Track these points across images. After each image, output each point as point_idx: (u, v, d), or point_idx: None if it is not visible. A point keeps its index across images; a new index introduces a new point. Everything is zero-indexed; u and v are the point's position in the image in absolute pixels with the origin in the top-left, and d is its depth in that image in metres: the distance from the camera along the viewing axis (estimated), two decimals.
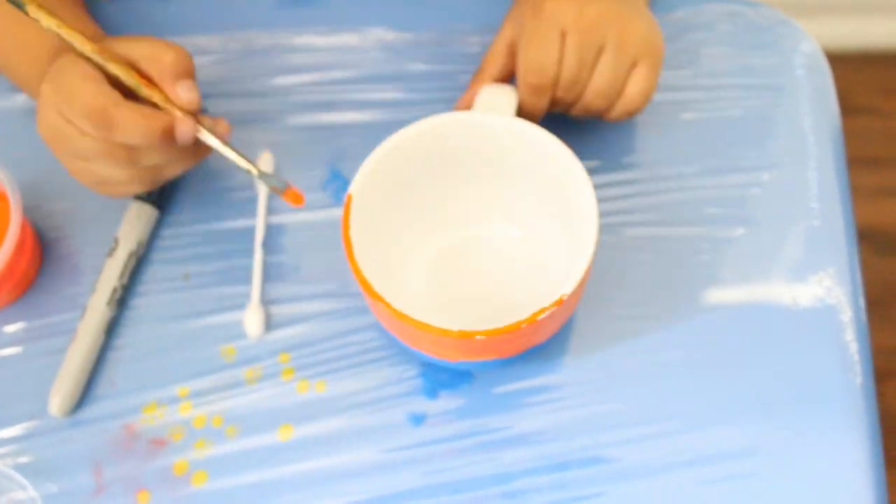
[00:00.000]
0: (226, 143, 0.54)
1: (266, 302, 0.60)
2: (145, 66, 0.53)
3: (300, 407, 0.58)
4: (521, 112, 0.57)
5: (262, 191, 0.62)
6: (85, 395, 0.59)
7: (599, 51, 0.56)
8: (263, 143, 0.64)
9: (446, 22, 0.68)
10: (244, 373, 0.59)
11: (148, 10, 0.68)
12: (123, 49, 0.53)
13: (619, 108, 0.59)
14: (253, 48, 0.67)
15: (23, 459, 0.57)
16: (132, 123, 0.51)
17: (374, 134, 0.63)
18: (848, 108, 0.70)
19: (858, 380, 0.58)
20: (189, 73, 0.54)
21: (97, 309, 0.59)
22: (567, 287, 0.50)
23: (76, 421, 0.58)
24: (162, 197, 0.62)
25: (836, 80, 0.69)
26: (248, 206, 0.62)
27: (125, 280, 0.60)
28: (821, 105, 0.67)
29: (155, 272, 0.61)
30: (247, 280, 0.61)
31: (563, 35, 0.55)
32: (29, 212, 0.62)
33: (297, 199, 0.55)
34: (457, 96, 0.64)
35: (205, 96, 0.64)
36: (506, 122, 0.55)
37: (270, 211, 0.62)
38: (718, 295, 0.61)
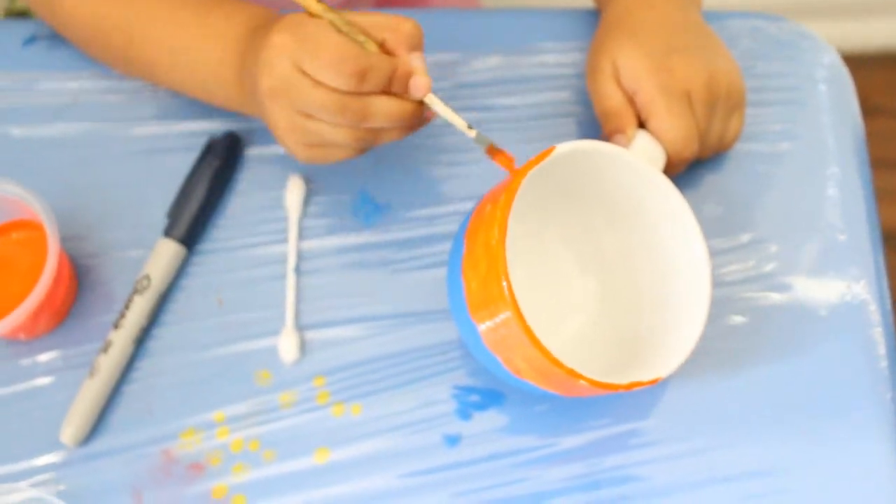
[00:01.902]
0: (449, 106, 0.54)
1: (300, 326, 0.61)
2: (380, 32, 0.53)
3: (336, 430, 0.59)
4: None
5: (294, 216, 0.63)
6: (121, 422, 0.59)
7: (715, 108, 0.59)
8: (293, 167, 0.65)
9: (467, 44, 0.68)
10: (280, 397, 0.59)
11: None
12: (358, 17, 0.53)
13: (713, 152, 0.62)
14: None
15: (62, 486, 0.58)
16: (385, 70, 0.51)
17: (403, 157, 0.64)
18: (866, 109, 0.70)
19: (889, 394, 0.59)
20: (421, 48, 0.54)
21: (122, 346, 0.59)
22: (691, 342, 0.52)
23: (115, 448, 0.59)
24: (190, 236, 0.62)
25: (856, 81, 0.69)
26: (279, 232, 0.63)
27: (150, 319, 0.61)
28: (843, 116, 0.67)
29: (189, 298, 0.62)
30: (280, 305, 0.61)
31: (689, 97, 0.58)
32: (64, 241, 0.63)
33: (509, 162, 0.54)
34: (481, 117, 0.65)
35: (237, 115, 0.65)
36: (653, 173, 0.55)
37: (302, 236, 0.63)
38: (744, 309, 0.61)
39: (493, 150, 0.54)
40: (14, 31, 0.69)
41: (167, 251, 0.61)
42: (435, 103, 0.54)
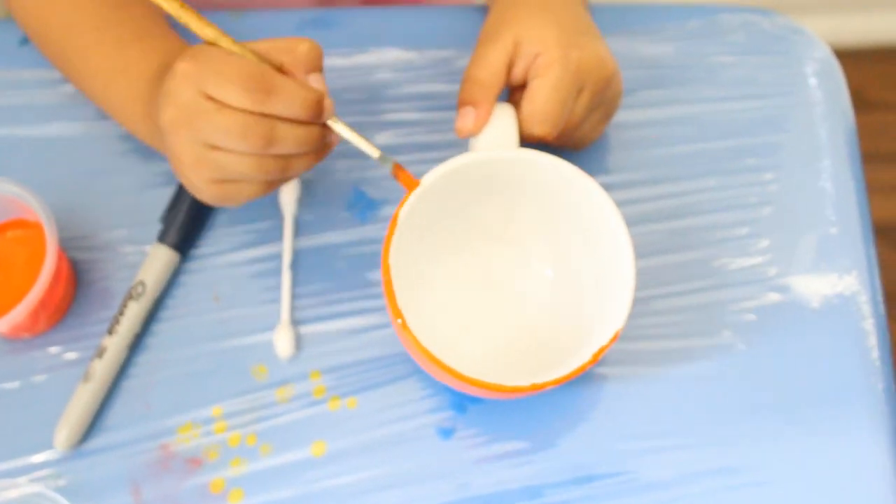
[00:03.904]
0: (353, 129, 0.53)
1: (296, 322, 0.61)
2: (278, 55, 0.51)
3: (332, 423, 0.59)
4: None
5: (289, 213, 0.63)
6: (119, 417, 0.60)
7: (598, 108, 0.59)
8: None
9: (460, 41, 0.68)
10: (276, 391, 0.60)
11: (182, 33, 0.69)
12: (254, 44, 0.52)
13: (569, 146, 0.61)
14: None
15: (62, 482, 0.59)
16: (293, 89, 0.50)
17: (396, 155, 0.64)
18: (863, 103, 0.71)
19: (881, 384, 0.59)
20: (320, 67, 0.53)
21: (117, 352, 0.60)
22: (618, 322, 0.52)
23: (113, 443, 0.59)
24: (185, 242, 0.63)
25: (851, 75, 0.70)
26: (275, 230, 0.64)
27: (145, 322, 0.61)
28: (834, 110, 0.68)
29: (186, 294, 0.63)
30: (276, 301, 0.62)
31: (582, 85, 0.56)
32: (61, 240, 0.63)
33: (411, 182, 0.54)
34: None
35: None
36: (548, 160, 0.55)
37: (297, 233, 0.63)
38: (737, 301, 0.62)
39: (397, 170, 0.54)
40: (11, 31, 0.69)
41: (161, 257, 0.62)
42: (338, 126, 0.53)
